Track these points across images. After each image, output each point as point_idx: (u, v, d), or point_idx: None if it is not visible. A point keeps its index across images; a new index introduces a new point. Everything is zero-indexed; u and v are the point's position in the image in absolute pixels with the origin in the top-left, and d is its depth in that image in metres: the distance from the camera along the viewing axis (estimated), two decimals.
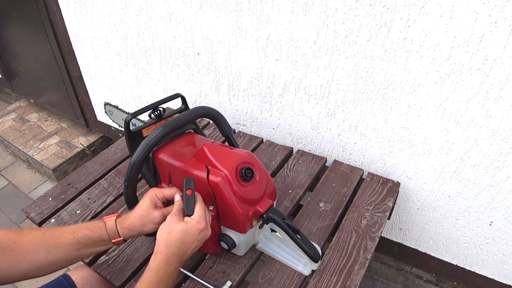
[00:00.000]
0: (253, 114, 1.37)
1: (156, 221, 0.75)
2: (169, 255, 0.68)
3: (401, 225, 1.29)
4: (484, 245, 1.15)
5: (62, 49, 1.92)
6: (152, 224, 0.75)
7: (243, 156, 0.81)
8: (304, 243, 0.79)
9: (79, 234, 0.73)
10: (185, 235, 0.69)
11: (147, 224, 0.75)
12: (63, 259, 0.73)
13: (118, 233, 0.75)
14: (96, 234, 0.74)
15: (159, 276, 0.67)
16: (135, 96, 1.74)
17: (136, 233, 0.76)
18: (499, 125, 0.92)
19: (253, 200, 0.79)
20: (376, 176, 1.16)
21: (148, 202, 0.76)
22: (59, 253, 0.72)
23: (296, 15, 1.03)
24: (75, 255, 0.74)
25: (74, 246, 0.73)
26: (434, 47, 0.89)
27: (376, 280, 1.48)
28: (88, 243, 0.74)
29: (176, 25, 1.32)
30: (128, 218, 0.76)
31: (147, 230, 0.76)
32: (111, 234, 0.75)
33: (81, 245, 0.73)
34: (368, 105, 1.08)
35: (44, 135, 2.32)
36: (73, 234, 0.73)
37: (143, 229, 0.75)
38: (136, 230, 0.76)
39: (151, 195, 0.77)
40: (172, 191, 0.78)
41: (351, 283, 0.83)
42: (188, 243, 0.70)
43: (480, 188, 1.05)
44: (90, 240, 0.74)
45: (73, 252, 0.73)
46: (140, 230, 0.76)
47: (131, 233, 0.76)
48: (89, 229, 0.75)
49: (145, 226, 0.75)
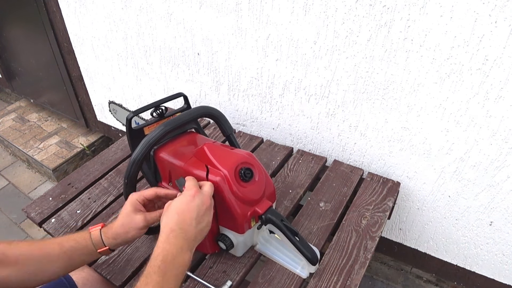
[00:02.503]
0: (253, 114, 1.37)
1: (139, 226, 0.73)
2: (168, 232, 0.65)
3: (401, 225, 1.29)
4: (484, 245, 1.15)
5: (62, 49, 1.92)
6: (135, 230, 0.74)
7: (242, 157, 0.81)
8: (302, 246, 0.79)
9: (66, 245, 0.73)
10: (179, 206, 0.67)
11: (130, 230, 0.74)
12: (52, 271, 0.72)
13: (103, 243, 0.75)
14: (82, 245, 0.74)
15: (161, 260, 0.62)
16: (135, 96, 1.74)
17: (121, 240, 0.75)
18: (499, 125, 0.92)
19: (252, 201, 0.79)
20: (376, 176, 1.16)
21: (129, 207, 0.75)
22: (47, 264, 0.71)
23: (296, 15, 1.04)
24: (64, 266, 0.73)
25: (61, 257, 0.72)
26: (434, 47, 0.89)
27: (376, 280, 1.48)
28: (75, 254, 0.73)
29: (176, 25, 1.33)
30: (112, 227, 0.75)
31: (132, 237, 0.75)
32: (96, 244, 0.74)
33: (69, 256, 0.73)
34: (368, 105, 1.08)
35: (44, 135, 2.32)
36: (60, 246, 0.72)
37: (127, 236, 0.74)
38: (120, 238, 0.74)
39: (131, 200, 0.75)
40: (152, 191, 0.76)
41: (351, 282, 0.83)
42: (185, 213, 0.66)
43: (480, 188, 1.05)
44: (77, 251, 0.73)
45: (62, 264, 0.72)
46: (125, 238, 0.75)
47: (116, 242, 0.75)
48: (75, 241, 0.74)
49: (129, 233, 0.74)
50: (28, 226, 1.87)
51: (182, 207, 0.67)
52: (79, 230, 0.77)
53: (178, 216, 0.66)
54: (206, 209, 0.69)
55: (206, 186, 0.72)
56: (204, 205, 0.68)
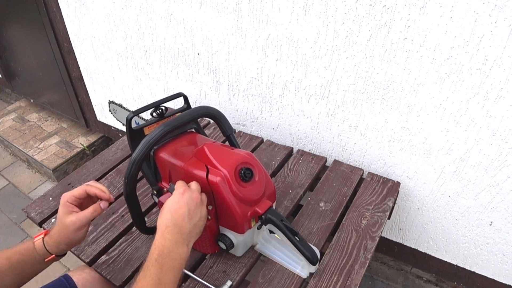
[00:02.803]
0: (253, 114, 1.37)
1: (72, 228, 0.72)
2: (163, 229, 0.67)
3: (401, 225, 1.29)
4: (484, 245, 1.15)
5: (62, 49, 1.92)
6: (73, 233, 0.73)
7: (242, 157, 0.81)
8: (302, 245, 0.79)
9: (13, 259, 0.72)
10: (171, 205, 0.69)
11: (68, 235, 0.73)
12: (5, 285, 0.71)
13: (48, 251, 0.74)
14: (28, 257, 0.73)
15: (157, 254, 0.64)
16: (135, 96, 1.74)
17: (64, 246, 0.74)
18: (499, 125, 0.92)
19: (252, 201, 0.79)
20: (376, 176, 1.16)
21: (61, 210, 0.74)
22: (1, 279, 0.71)
23: (296, 15, 1.04)
24: (16, 281, 0.72)
25: (12, 271, 0.71)
26: (434, 47, 0.89)
27: (376, 280, 1.48)
28: (25, 267, 0.73)
29: (176, 25, 1.33)
30: (52, 234, 0.74)
31: (73, 240, 0.74)
32: (41, 253, 0.74)
33: (18, 270, 0.72)
34: (368, 105, 1.08)
35: (44, 135, 2.32)
36: (8, 260, 0.72)
37: (68, 241, 0.73)
38: (62, 243, 0.74)
39: (62, 203, 0.74)
40: (81, 189, 0.75)
41: (351, 282, 0.83)
42: (177, 210, 0.68)
43: (480, 188, 1.05)
44: (25, 263, 0.73)
45: (13, 277, 0.72)
46: (67, 243, 0.74)
47: (60, 249, 0.74)
48: (21, 253, 0.73)
49: (68, 238, 0.73)
50: (28, 226, 1.87)
51: (174, 206, 0.69)
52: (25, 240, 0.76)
53: (171, 214, 0.68)
54: (197, 204, 0.71)
55: (192, 184, 0.75)
56: (193, 200, 0.71)
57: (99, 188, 0.77)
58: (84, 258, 0.91)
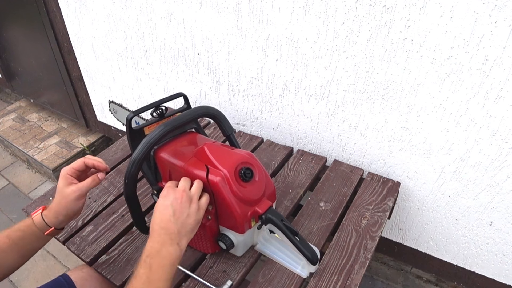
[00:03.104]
0: (253, 114, 1.37)
1: (73, 197, 0.75)
2: (151, 233, 0.69)
3: (401, 225, 1.29)
4: (484, 245, 1.15)
5: (62, 49, 1.92)
6: (72, 203, 0.75)
7: (243, 156, 0.81)
8: (302, 245, 0.79)
9: (13, 237, 0.74)
10: (157, 208, 0.70)
11: (68, 204, 0.75)
12: (6, 265, 0.73)
13: (47, 224, 0.76)
14: (28, 233, 0.75)
15: (146, 255, 0.65)
16: (135, 96, 1.74)
17: (63, 216, 0.76)
18: (499, 125, 0.92)
19: (252, 201, 0.79)
20: (376, 176, 1.16)
21: (61, 182, 0.76)
22: (2, 258, 0.72)
23: (296, 15, 1.04)
24: (17, 257, 0.74)
25: (13, 249, 0.73)
26: (434, 47, 0.89)
27: (376, 280, 1.49)
28: (25, 243, 0.75)
29: (176, 25, 1.33)
30: (51, 207, 0.77)
31: (72, 210, 0.76)
32: (40, 228, 0.76)
33: (19, 246, 0.74)
34: (368, 105, 1.08)
35: (44, 135, 2.32)
36: (8, 238, 0.73)
37: (67, 212, 0.76)
38: (61, 214, 0.76)
39: (62, 174, 0.77)
40: (80, 161, 0.79)
41: (351, 282, 0.83)
42: (163, 212, 0.69)
43: (480, 188, 1.05)
44: (25, 240, 0.75)
45: (15, 255, 0.74)
46: (65, 213, 0.76)
47: (58, 220, 0.76)
48: (20, 230, 0.75)
49: (68, 208, 0.75)
50: None
51: (160, 208, 0.70)
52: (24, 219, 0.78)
53: (157, 216, 0.70)
54: (182, 202, 0.70)
55: (180, 182, 0.75)
56: (177, 199, 0.70)
57: (97, 160, 0.81)
58: (84, 258, 0.91)
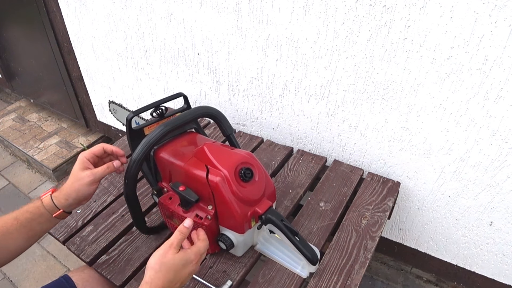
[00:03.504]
0: (253, 114, 1.37)
1: (86, 181, 0.75)
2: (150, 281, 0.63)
3: (401, 225, 1.29)
4: (484, 245, 1.15)
5: (62, 49, 1.92)
6: (84, 187, 0.75)
7: (242, 157, 0.81)
8: (302, 245, 0.79)
9: (21, 218, 0.74)
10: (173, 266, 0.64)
11: (80, 188, 0.75)
12: (14, 245, 0.73)
13: (56, 206, 0.75)
14: (37, 214, 0.75)
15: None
16: (135, 96, 1.74)
17: (73, 199, 0.76)
18: (499, 125, 0.92)
19: (252, 201, 0.79)
20: (376, 176, 1.16)
21: (77, 166, 0.76)
22: (9, 240, 0.72)
23: (296, 15, 1.04)
24: (25, 238, 0.74)
25: (21, 230, 0.73)
26: (434, 47, 0.89)
27: (376, 280, 1.48)
28: (33, 225, 0.75)
29: (176, 25, 1.33)
30: (62, 188, 0.76)
31: (83, 195, 0.76)
32: (49, 209, 0.75)
33: (27, 228, 0.74)
34: (368, 105, 1.08)
35: (44, 135, 2.32)
36: (16, 220, 0.73)
37: (78, 195, 0.75)
38: (71, 197, 0.75)
39: (79, 158, 0.77)
40: (99, 146, 0.79)
41: (351, 282, 0.83)
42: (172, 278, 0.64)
43: (480, 188, 1.05)
44: (34, 221, 0.74)
45: (22, 237, 0.74)
46: (76, 197, 0.75)
47: (68, 202, 0.76)
48: (28, 212, 0.75)
49: (79, 192, 0.75)
50: None
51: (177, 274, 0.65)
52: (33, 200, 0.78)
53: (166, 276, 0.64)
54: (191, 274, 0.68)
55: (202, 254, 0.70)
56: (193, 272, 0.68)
57: (115, 147, 0.81)
58: (84, 258, 0.91)
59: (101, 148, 0.80)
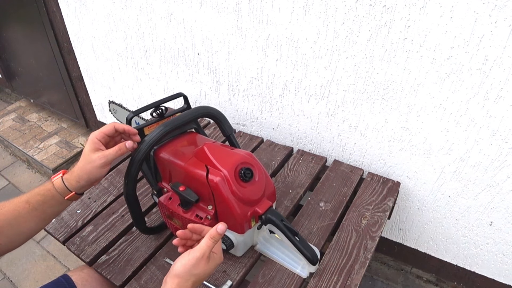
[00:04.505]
0: (253, 114, 1.37)
1: (98, 163, 0.73)
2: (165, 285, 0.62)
3: (401, 225, 1.29)
4: (484, 245, 1.15)
5: (62, 49, 1.92)
6: (96, 169, 0.73)
7: (242, 157, 0.81)
8: (302, 245, 0.79)
9: (33, 201, 0.73)
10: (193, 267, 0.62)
11: (92, 170, 0.73)
12: (27, 228, 0.73)
13: (67, 188, 0.75)
14: (49, 197, 0.74)
15: None
16: (135, 96, 1.74)
17: (85, 181, 0.74)
18: (499, 125, 0.92)
19: (252, 201, 0.79)
20: (376, 176, 1.16)
21: (88, 147, 0.74)
22: (21, 223, 0.72)
23: (296, 15, 1.04)
24: (37, 221, 0.74)
25: (32, 213, 0.73)
26: (434, 47, 0.89)
27: (376, 280, 1.48)
28: (45, 207, 0.74)
29: (176, 25, 1.33)
30: (74, 170, 0.75)
31: (94, 177, 0.74)
32: (61, 191, 0.74)
33: (39, 211, 0.73)
34: (368, 105, 1.08)
35: (44, 135, 2.32)
36: (28, 203, 0.73)
37: (89, 177, 0.74)
38: (83, 179, 0.74)
39: (90, 139, 0.75)
40: (110, 125, 0.76)
41: (351, 282, 0.83)
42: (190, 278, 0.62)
43: (480, 188, 1.05)
44: (45, 204, 0.74)
45: (34, 220, 0.73)
46: (87, 179, 0.74)
47: (80, 184, 0.74)
48: (40, 194, 0.74)
49: (91, 174, 0.73)
50: None
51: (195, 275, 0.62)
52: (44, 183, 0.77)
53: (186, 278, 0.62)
54: (209, 275, 0.65)
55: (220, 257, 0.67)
56: (208, 276, 0.65)
57: (127, 126, 0.78)
58: (84, 258, 0.91)
59: (112, 127, 0.76)
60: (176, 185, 0.80)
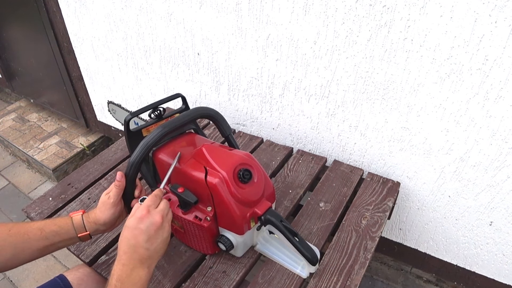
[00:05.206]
0: (253, 114, 1.37)
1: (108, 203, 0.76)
2: (121, 254, 0.66)
3: (401, 225, 1.29)
4: (484, 245, 1.15)
5: (62, 49, 1.92)
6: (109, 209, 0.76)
7: (241, 158, 0.81)
8: (302, 246, 0.79)
9: (47, 230, 0.74)
10: (130, 230, 0.66)
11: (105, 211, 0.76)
12: (29, 254, 0.74)
13: (84, 227, 0.77)
14: (64, 230, 0.76)
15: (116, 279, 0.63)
16: (135, 96, 1.74)
17: (101, 225, 0.77)
18: (499, 125, 0.92)
19: (251, 202, 0.79)
20: (376, 176, 1.16)
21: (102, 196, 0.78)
22: (25, 249, 0.73)
23: (296, 15, 1.03)
24: (42, 249, 0.75)
25: (41, 242, 0.74)
26: (434, 47, 0.89)
27: (376, 280, 1.48)
28: (56, 239, 0.75)
29: (176, 25, 1.32)
30: (93, 212, 0.78)
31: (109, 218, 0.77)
32: (77, 229, 0.76)
33: (49, 241, 0.74)
34: (368, 105, 1.08)
35: (44, 135, 2.32)
36: (41, 231, 0.74)
37: (105, 219, 0.77)
38: (100, 222, 0.77)
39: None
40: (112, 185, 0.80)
41: (351, 283, 0.83)
42: (136, 236, 0.66)
43: (480, 188, 1.05)
44: (57, 236, 0.75)
45: (40, 247, 0.74)
46: (104, 222, 0.77)
47: (96, 227, 0.77)
48: (56, 225, 0.76)
49: (105, 215, 0.77)
50: None
51: (133, 231, 0.66)
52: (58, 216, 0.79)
53: (128, 239, 0.66)
54: (158, 227, 0.67)
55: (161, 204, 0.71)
56: (154, 225, 0.67)
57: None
58: (84, 258, 0.91)
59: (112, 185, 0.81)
60: (175, 186, 0.80)
